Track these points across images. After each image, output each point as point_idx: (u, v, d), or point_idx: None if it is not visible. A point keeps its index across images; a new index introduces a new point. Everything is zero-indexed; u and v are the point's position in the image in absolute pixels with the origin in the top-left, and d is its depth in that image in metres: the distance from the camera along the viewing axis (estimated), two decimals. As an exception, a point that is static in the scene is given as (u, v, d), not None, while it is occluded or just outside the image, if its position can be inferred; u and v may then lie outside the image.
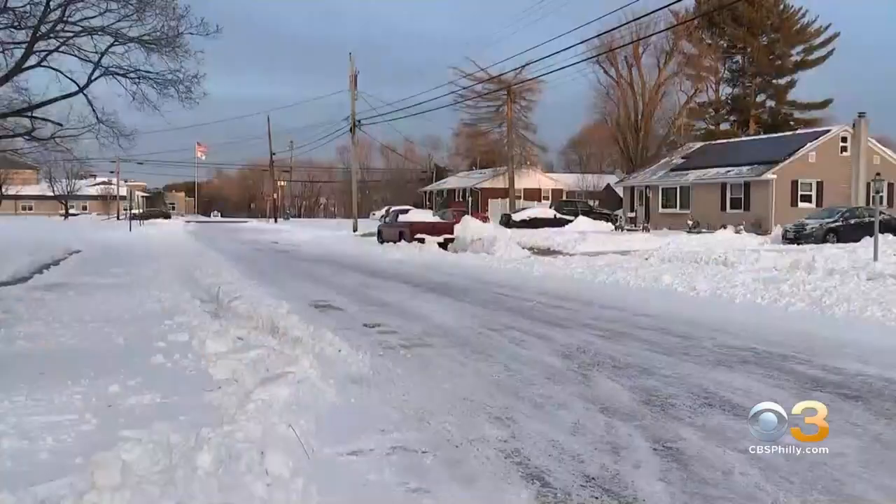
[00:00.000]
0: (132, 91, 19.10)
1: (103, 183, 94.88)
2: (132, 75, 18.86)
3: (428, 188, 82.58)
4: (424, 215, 34.30)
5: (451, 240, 29.77)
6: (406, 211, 34.99)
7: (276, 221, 75.57)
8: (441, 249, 27.28)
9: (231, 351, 7.75)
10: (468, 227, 34.75)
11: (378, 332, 10.15)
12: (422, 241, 28.75)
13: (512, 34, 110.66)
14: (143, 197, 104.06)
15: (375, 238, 34.02)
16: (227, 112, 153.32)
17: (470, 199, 69.51)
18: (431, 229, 30.27)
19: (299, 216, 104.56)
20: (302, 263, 23.49)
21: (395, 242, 29.94)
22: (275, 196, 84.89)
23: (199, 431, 4.61)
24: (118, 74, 18.81)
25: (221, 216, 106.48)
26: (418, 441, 5.31)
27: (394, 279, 17.69)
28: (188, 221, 75.09)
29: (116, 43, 18.23)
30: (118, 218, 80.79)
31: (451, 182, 79.56)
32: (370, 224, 47.76)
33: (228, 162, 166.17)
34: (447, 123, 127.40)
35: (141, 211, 79.43)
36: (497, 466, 4.81)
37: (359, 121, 48.78)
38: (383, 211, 51.61)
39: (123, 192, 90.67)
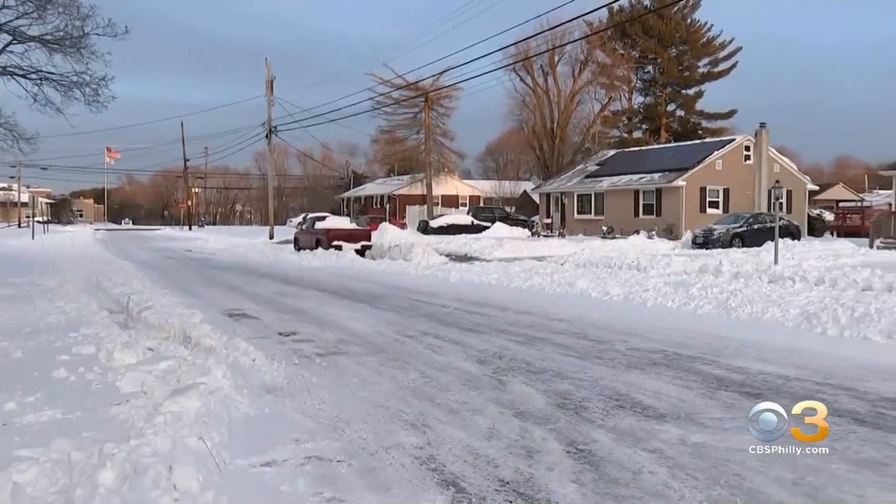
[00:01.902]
0: (33, 93, 18.37)
1: (2, 189, 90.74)
2: (33, 76, 18.12)
3: (346, 195, 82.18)
4: (342, 222, 34.09)
5: (369, 247, 29.75)
6: (323, 218, 34.69)
7: (190, 229, 73.73)
8: (359, 256, 27.16)
9: (140, 362, 7.52)
10: (386, 233, 34.80)
11: (293, 340, 10.02)
12: (339, 248, 28.57)
13: (430, 41, 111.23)
14: (47, 204, 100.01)
15: (292, 245, 33.64)
16: (139, 116, 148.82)
17: (388, 205, 69.44)
18: (349, 236, 30.16)
19: (215, 224, 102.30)
20: (216, 272, 23.00)
21: (311, 250, 29.67)
22: (189, 203, 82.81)
23: (103, 447, 4.44)
24: (17, 75, 18.04)
25: (133, 224, 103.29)
26: (333, 450, 5.26)
27: (310, 287, 17.50)
28: (97, 229, 72.50)
29: (15, 42, 17.50)
30: (20, 225, 77.36)
31: (368, 189, 79.37)
32: (287, 231, 47.14)
33: (140, 168, 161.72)
34: (365, 130, 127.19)
35: (46, 218, 76.29)
36: (412, 473, 4.81)
37: (275, 127, 48.20)
38: (300, 218, 51.01)
39: (25, 198, 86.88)
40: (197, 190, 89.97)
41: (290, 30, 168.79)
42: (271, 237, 45.64)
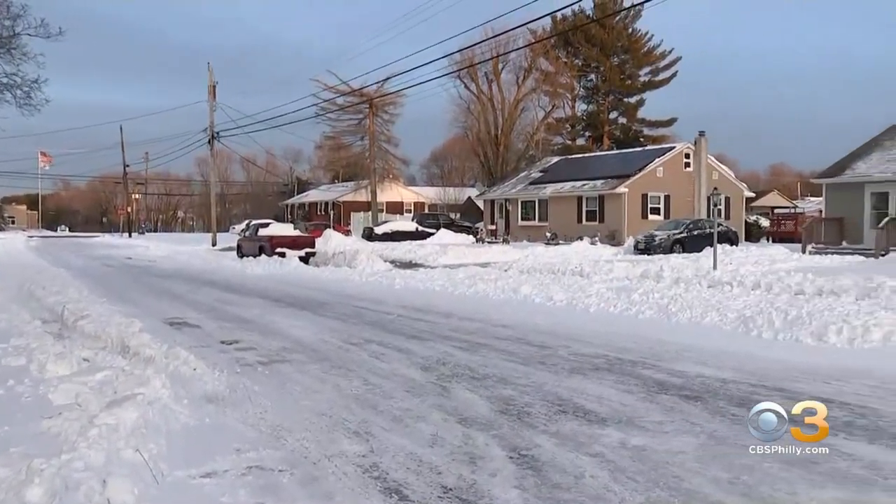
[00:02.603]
0: (-43, 94, 17.76)
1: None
2: (-42, 77, 17.54)
3: (289, 201, 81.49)
4: (286, 229, 33.79)
5: (313, 254, 29.54)
6: (267, 225, 34.33)
7: (130, 236, 72.12)
8: (302, 264, 26.90)
9: (75, 373, 7.32)
10: (330, 240, 34.59)
11: (235, 348, 9.88)
12: (283, 255, 28.28)
13: (375, 47, 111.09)
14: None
15: (235, 253, 33.20)
16: (76, 120, 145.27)
17: (332, 212, 69.10)
18: (293, 243, 29.91)
19: (156, 230, 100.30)
20: (157, 279, 22.54)
21: (255, 257, 29.31)
22: (129, 210, 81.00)
23: (31, 463, 4.30)
24: (-61, 75, 17.45)
25: (70, 231, 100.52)
26: (275, 459, 5.20)
27: (253, 294, 17.28)
28: (31, 236, 70.41)
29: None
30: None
31: (312, 195, 78.86)
32: (230, 238, 46.55)
33: (77, 173, 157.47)
34: (309, 136, 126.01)
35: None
36: (355, 482, 4.78)
37: (218, 132, 47.49)
38: (243, 225, 50.40)
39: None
40: (137, 196, 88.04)
41: (234, 34, 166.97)
42: (214, 244, 44.97)
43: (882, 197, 26.82)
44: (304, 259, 28.29)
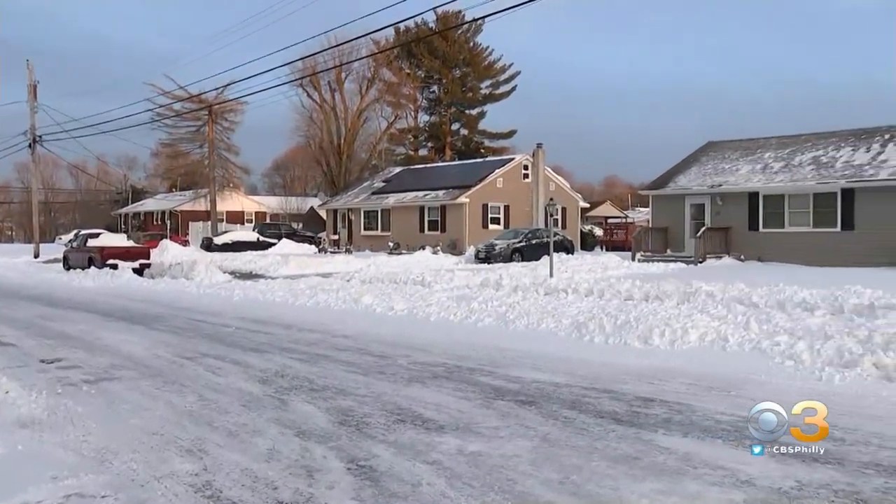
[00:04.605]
0: None
1: None
2: None
3: (124, 210, 77.66)
4: (118, 239, 32.17)
5: (148, 265, 28.34)
6: (97, 235, 32.52)
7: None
8: (136, 276, 25.65)
9: None
10: (167, 251, 33.27)
11: (58, 367, 9.25)
12: (114, 266, 26.90)
13: (214, 52, 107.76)
14: None
15: (61, 265, 31.24)
16: None
17: (169, 222, 66.50)
18: (126, 254, 28.57)
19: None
20: (-32, 295, 20.78)
21: (83, 269, 27.75)
22: (-64, 219, 74.37)
23: None
24: None
25: None
26: (98, 484, 4.88)
27: (80, 309, 16.28)
28: None
29: None
30: None
31: (149, 204, 75.61)
32: (56, 249, 43.74)
33: None
34: (145, 143, 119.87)
35: None
36: (186, 502, 4.58)
37: (40, 136, 44.54)
38: (72, 235, 47.44)
39: None
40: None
41: (60, 32, 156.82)
42: (36, 256, 42.15)
43: (700, 208, 28.84)
44: (139, 271, 27.06)
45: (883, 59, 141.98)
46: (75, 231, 50.21)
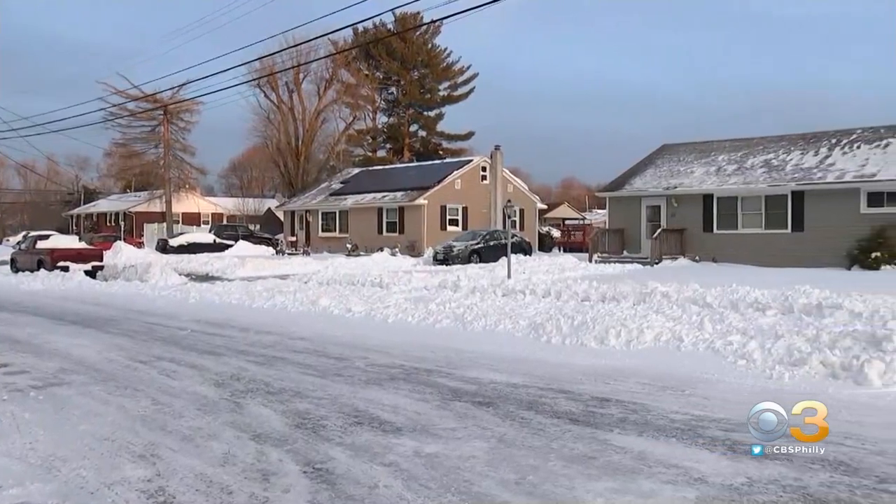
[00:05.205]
0: None
1: None
2: None
3: (75, 211, 76.10)
4: (69, 241, 31.53)
5: (101, 267, 27.85)
6: (47, 237, 31.87)
7: None
8: (89, 278, 25.20)
9: None
10: (120, 253, 32.77)
11: (4, 373, 9.01)
12: (65, 269, 26.38)
13: (170, 51, 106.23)
14: None
15: (9, 267, 30.54)
16: None
17: (123, 223, 65.41)
18: (77, 256, 28.00)
19: None
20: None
21: (32, 272, 27.13)
22: None
23: None
24: None
25: None
26: (45, 493, 4.77)
27: (28, 312, 15.93)
28: None
29: None
30: None
31: (102, 205, 74.28)
32: (4, 251, 42.68)
33: None
34: (97, 142, 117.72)
35: None
36: (137, 509, 4.51)
37: (-14, 135, 43.49)
38: (20, 237, 46.43)
39: None
40: None
41: (8, 28, 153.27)
42: (-18, 258, 41.10)
43: (655, 210, 29.23)
44: (91, 273, 26.55)
45: (831, 64, 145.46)
46: (24, 233, 49.14)
